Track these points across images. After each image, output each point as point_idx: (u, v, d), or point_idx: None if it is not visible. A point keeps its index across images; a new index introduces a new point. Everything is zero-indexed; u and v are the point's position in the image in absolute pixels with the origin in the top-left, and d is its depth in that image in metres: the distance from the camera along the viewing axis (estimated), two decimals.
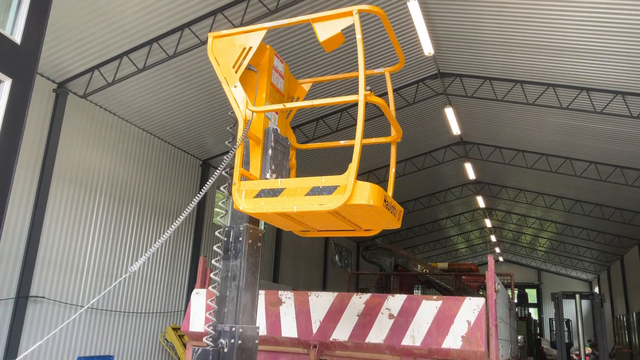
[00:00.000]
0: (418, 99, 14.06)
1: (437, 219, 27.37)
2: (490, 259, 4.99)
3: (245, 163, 3.85)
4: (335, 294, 5.37)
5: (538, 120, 14.26)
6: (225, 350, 3.60)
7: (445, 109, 14.39)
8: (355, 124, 13.25)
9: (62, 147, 9.60)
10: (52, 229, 9.29)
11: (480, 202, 23.92)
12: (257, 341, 3.87)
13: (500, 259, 37.02)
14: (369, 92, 3.22)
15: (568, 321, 19.98)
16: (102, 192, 10.51)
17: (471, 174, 19.66)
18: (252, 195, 3.47)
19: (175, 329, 11.69)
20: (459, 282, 11.27)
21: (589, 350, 19.97)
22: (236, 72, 3.82)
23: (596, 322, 7.84)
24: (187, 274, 12.94)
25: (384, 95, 13.51)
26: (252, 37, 3.85)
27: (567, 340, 9.43)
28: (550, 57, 11.14)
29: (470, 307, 4.60)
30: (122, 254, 10.93)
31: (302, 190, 3.29)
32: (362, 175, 18.11)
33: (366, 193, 3.12)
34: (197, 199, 3.56)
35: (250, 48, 3.84)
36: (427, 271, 11.47)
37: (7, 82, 4.56)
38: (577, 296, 8.11)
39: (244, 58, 3.83)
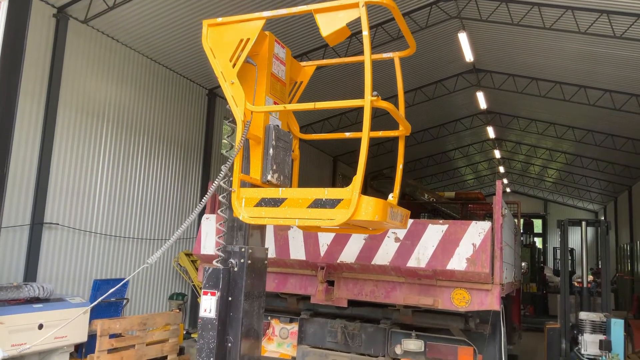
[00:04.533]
0: (430, 23, 13.55)
1: (446, 150, 27.26)
2: (499, 184, 4.97)
3: (245, 159, 3.68)
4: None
5: (554, 46, 13.76)
6: (236, 269, 3.69)
7: (458, 33, 13.87)
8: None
9: (67, 75, 9.46)
10: (61, 157, 9.36)
11: (491, 132, 23.67)
12: (266, 262, 3.97)
13: (508, 190, 37.19)
14: (375, 97, 3.01)
15: (572, 250, 20.33)
16: (110, 120, 10.47)
17: (482, 104, 19.32)
18: (252, 203, 3.37)
19: (188, 255, 12.06)
20: (466, 210, 11.37)
21: (590, 278, 20.43)
22: (233, 67, 3.58)
23: (600, 250, 7.93)
24: (197, 203, 13.16)
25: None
26: (250, 28, 3.55)
27: (570, 269, 9.65)
28: None
29: (476, 231, 4.64)
30: (132, 181, 11.07)
31: (304, 202, 3.17)
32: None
33: (371, 209, 3.00)
34: (198, 209, 3.50)
35: (248, 40, 3.55)
36: (434, 200, 11.56)
37: (4, 3, 4.40)
38: (584, 223, 8.16)
39: (242, 50, 3.57)
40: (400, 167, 4.04)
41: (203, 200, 3.56)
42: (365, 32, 3.05)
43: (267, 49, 3.83)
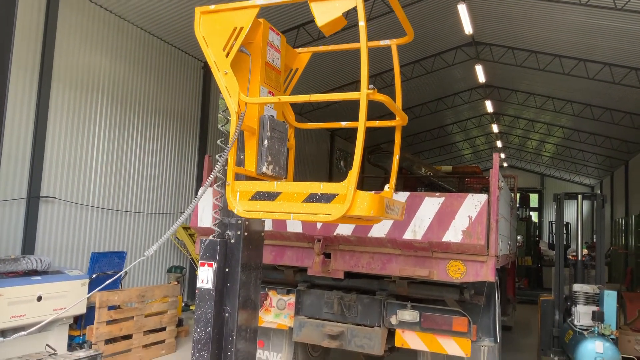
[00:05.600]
0: None
1: (444, 124, 27.18)
2: (496, 156, 4.97)
3: (240, 150, 3.62)
4: None
5: (555, 18, 13.59)
6: (232, 241, 3.71)
7: (458, 5, 13.67)
8: None
9: (60, 48, 9.31)
10: (56, 130, 9.29)
11: (489, 106, 23.58)
12: (262, 234, 3.98)
13: (505, 164, 37.26)
14: (372, 90, 2.94)
15: (567, 224, 20.48)
16: (104, 93, 10.36)
17: (481, 77, 19.19)
18: (247, 197, 3.35)
19: (186, 228, 12.10)
20: (463, 184, 11.40)
21: (585, 252, 20.64)
22: (227, 56, 3.48)
23: (596, 223, 7.98)
24: (194, 176, 13.15)
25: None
26: (243, 16, 3.44)
27: (565, 243, 9.72)
28: None
29: (473, 203, 4.65)
30: (128, 155, 11.03)
31: (299, 196, 3.15)
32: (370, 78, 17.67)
33: (366, 204, 2.99)
34: (195, 201, 3.46)
35: (242, 28, 3.45)
36: (431, 174, 11.57)
37: None
38: (580, 197, 8.17)
39: (235, 39, 3.46)
40: (397, 157, 4.02)
41: (200, 193, 3.55)
42: (362, 23, 2.95)
43: (262, 37, 3.73)
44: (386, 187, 3.92)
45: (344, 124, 3.98)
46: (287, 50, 4.15)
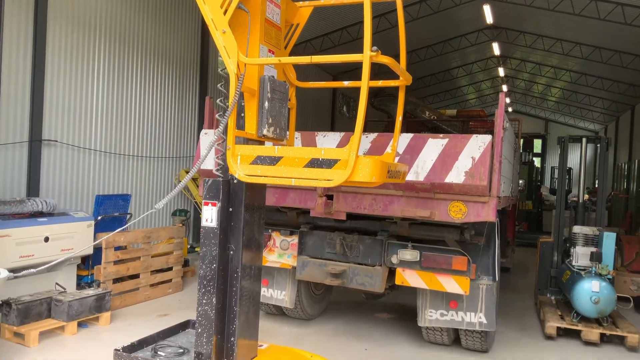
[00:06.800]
0: None
1: (449, 67, 26.65)
2: (502, 96, 4.88)
3: (240, 110, 3.53)
4: (342, 133, 5.40)
5: None
6: (235, 181, 3.72)
7: None
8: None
9: None
10: (54, 73, 9.14)
11: (496, 49, 23.02)
12: None
13: (510, 109, 36.84)
14: (375, 52, 2.85)
15: (569, 169, 20.48)
16: (102, 33, 10.11)
17: (489, 18, 18.61)
18: (247, 161, 3.33)
19: (189, 172, 12.15)
20: (467, 128, 11.31)
21: (586, 197, 20.75)
22: (225, 14, 3.33)
23: (599, 167, 7.95)
24: (195, 119, 13.06)
25: None
26: None
27: (566, 188, 9.75)
28: None
29: (476, 144, 4.62)
30: (128, 98, 10.90)
31: (301, 161, 3.13)
32: (373, 19, 17.16)
33: (368, 170, 2.99)
34: (192, 171, 3.38)
35: None
36: (435, 118, 11.46)
37: None
38: (584, 140, 8.12)
39: None
40: (399, 119, 3.96)
41: (197, 164, 3.51)
42: None
43: None
44: (388, 148, 3.89)
45: (346, 84, 3.93)
46: (288, 5, 4.00)
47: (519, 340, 6.53)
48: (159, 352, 3.89)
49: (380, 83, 3.97)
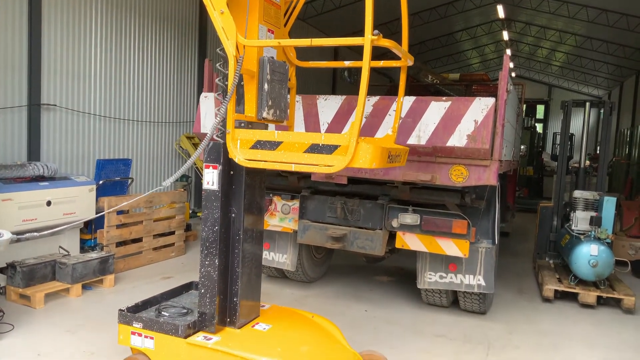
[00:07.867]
0: None
1: (453, 31, 26.16)
2: (506, 58, 4.81)
3: (239, 95, 3.47)
4: (344, 97, 5.35)
5: None
6: None
7: None
8: None
9: None
10: (52, 36, 8.98)
11: (500, 11, 22.54)
12: None
13: (513, 74, 36.39)
14: (377, 35, 2.80)
15: (572, 135, 20.35)
16: None
17: None
18: (247, 145, 3.31)
19: (189, 137, 12.10)
20: (470, 92, 11.18)
21: (587, 163, 20.71)
22: None
23: (602, 131, 7.90)
24: (195, 83, 12.91)
25: None
26: None
27: (568, 154, 9.70)
28: None
29: (479, 107, 4.58)
30: (127, 61, 10.75)
31: (301, 146, 3.12)
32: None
33: (368, 156, 2.98)
34: (193, 157, 3.34)
35: None
36: (438, 82, 11.31)
37: None
38: (587, 104, 8.04)
39: None
40: (401, 99, 3.92)
41: (197, 151, 3.47)
42: None
43: None
44: (389, 130, 3.87)
45: (347, 64, 3.86)
46: None
47: (517, 303, 6.64)
48: (162, 312, 3.96)
49: (381, 64, 3.95)
